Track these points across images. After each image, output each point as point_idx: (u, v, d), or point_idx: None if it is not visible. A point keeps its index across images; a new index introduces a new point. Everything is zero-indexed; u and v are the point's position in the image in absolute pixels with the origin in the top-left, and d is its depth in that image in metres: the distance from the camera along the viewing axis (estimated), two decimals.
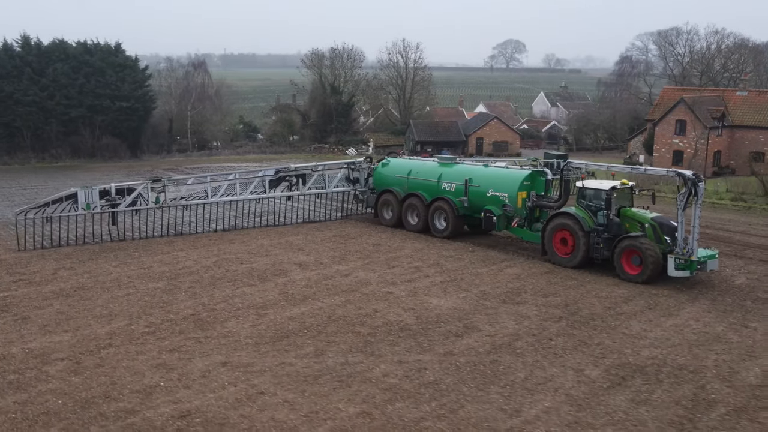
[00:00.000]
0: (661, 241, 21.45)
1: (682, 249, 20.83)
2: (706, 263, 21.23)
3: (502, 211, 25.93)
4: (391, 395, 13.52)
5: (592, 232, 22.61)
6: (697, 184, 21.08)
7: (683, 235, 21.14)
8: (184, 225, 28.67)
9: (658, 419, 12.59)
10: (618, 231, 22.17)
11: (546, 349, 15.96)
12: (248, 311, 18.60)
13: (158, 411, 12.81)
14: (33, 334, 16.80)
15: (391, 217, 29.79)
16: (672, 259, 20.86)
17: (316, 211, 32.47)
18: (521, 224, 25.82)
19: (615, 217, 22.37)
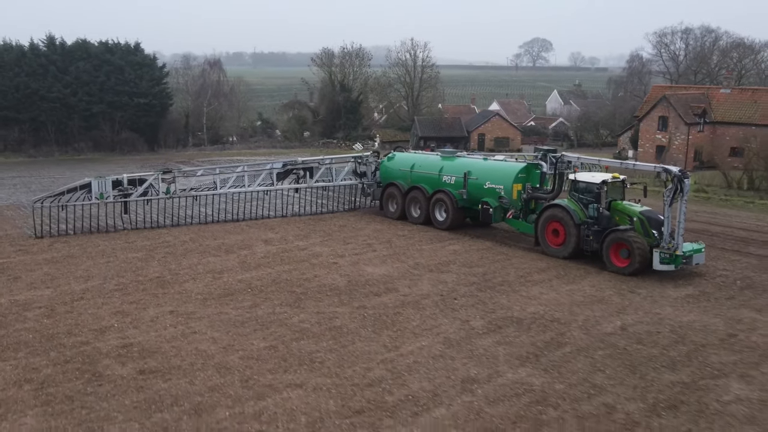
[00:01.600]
0: (649, 235, 21.79)
1: (668, 243, 21.19)
2: (692, 257, 21.44)
3: (499, 203, 26.50)
4: (299, 335, 16.41)
5: (582, 225, 23.04)
6: (683, 180, 21.27)
7: (669, 229, 21.42)
8: (193, 216, 29.86)
9: (510, 355, 15.29)
10: (608, 224, 22.53)
11: (446, 306, 18.69)
12: (206, 275, 21.61)
13: (107, 343, 15.85)
14: (21, 290, 19.99)
15: (395, 210, 30.58)
16: (657, 254, 21.20)
17: (323, 204, 33.43)
18: (516, 216, 26.31)
19: (605, 210, 22.69)
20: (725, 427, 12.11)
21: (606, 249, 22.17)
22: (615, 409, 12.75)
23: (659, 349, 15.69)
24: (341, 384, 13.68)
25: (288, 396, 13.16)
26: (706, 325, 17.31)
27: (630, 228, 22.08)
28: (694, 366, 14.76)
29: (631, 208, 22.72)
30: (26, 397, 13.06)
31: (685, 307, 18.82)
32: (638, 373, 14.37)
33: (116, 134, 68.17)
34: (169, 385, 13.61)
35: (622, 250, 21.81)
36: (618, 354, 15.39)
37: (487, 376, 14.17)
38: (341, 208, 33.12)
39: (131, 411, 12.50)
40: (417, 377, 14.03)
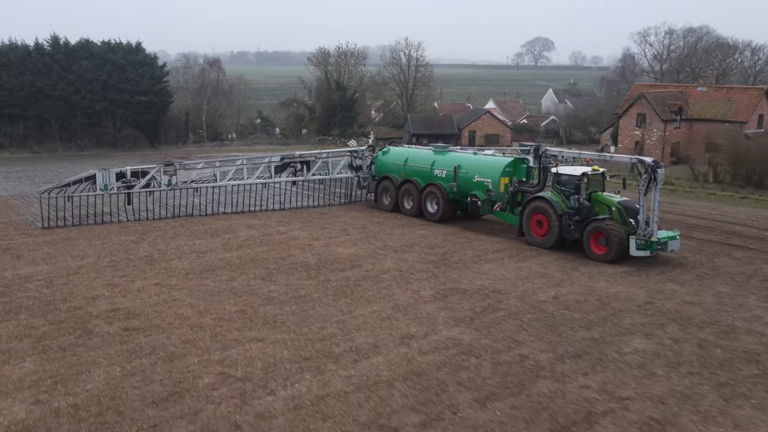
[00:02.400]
0: (627, 224, 22.73)
1: (643, 231, 22.29)
2: (667, 243, 22.49)
3: (487, 196, 27.42)
4: (267, 302, 18.63)
5: (564, 215, 23.92)
6: (656, 170, 22.36)
7: (644, 217, 22.48)
8: (194, 207, 31.11)
9: (449, 317, 17.47)
10: (588, 214, 23.46)
11: (403, 279, 20.87)
12: (191, 255, 23.84)
13: (97, 308, 18.08)
14: (23, 266, 22.25)
15: (389, 202, 31.62)
16: (633, 240, 22.28)
17: (318, 197, 34.54)
18: (503, 208, 27.13)
19: (585, 201, 23.66)
20: (616, 372, 14.26)
21: (586, 238, 23.20)
22: (527, 357, 14.93)
23: (582, 314, 17.84)
24: (297, 339, 15.89)
25: (250, 347, 15.37)
26: (630, 295, 19.47)
27: (608, 217, 23.05)
28: (607, 326, 16.92)
29: (609, 198, 23.72)
30: (26, 347, 15.30)
31: (617, 280, 20.96)
32: (557, 331, 16.54)
33: (118, 131, 70.31)
34: (148, 339, 15.83)
35: (601, 238, 22.84)
36: (544, 317, 17.56)
37: (424, 333, 16.35)
38: (337, 201, 34.16)
39: (114, 358, 14.72)
40: (363, 334, 16.23)
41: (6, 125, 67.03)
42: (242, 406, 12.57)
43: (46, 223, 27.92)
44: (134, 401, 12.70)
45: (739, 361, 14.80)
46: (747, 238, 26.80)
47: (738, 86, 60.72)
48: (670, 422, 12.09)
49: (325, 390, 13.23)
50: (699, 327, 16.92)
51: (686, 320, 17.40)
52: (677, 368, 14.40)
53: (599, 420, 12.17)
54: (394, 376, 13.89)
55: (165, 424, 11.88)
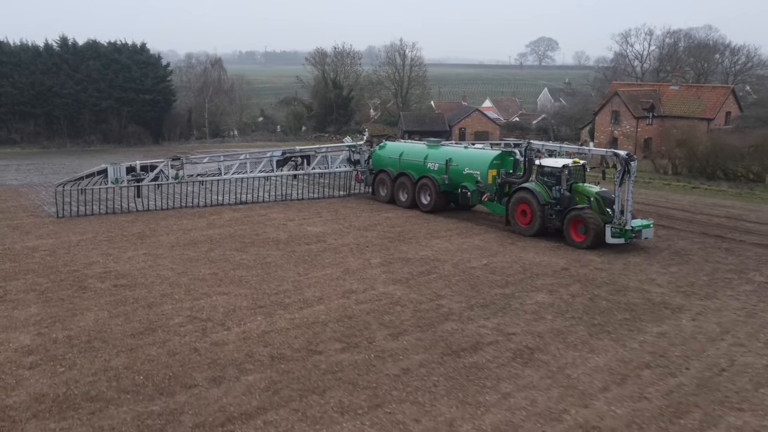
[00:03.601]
0: (604, 213, 24.06)
1: (618, 219, 23.64)
2: (641, 232, 23.79)
3: (476, 187, 28.80)
4: (236, 267, 21.83)
5: (546, 205, 25.19)
6: (630, 162, 23.64)
7: (620, 207, 23.75)
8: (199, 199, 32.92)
9: (388, 278, 20.54)
10: (568, 204, 24.72)
11: (359, 251, 24.02)
12: (178, 232, 27.09)
13: (93, 270, 21.34)
14: (30, 240, 25.56)
15: (385, 194, 33.11)
16: (609, 228, 23.56)
17: (318, 190, 36.69)
18: (491, 199, 28.39)
19: (566, 192, 24.89)
20: (512, 317, 17.39)
21: (566, 226, 24.52)
22: (443, 306, 18.07)
23: (503, 277, 20.96)
24: (256, 293, 19.09)
25: (216, 299, 18.59)
26: (551, 263, 22.57)
27: (587, 207, 24.33)
28: (520, 286, 20.04)
29: (588, 189, 24.96)
30: (31, 298, 18.57)
31: (546, 253, 24.04)
32: (476, 289, 19.66)
33: (123, 128, 73.79)
34: (133, 293, 19.07)
35: (579, 226, 24.15)
36: (469, 279, 20.68)
37: (363, 289, 19.52)
38: (336, 194, 35.99)
39: (103, 306, 17.96)
40: (312, 290, 19.42)
41: (17, 122, 70.59)
42: (202, 337, 15.78)
43: (60, 214, 29.70)
44: (116, 334, 15.93)
45: (617, 310, 17.89)
46: (677, 220, 29.80)
47: (707, 85, 63.57)
48: (540, 349, 15.22)
49: (270, 327, 16.43)
50: (597, 286, 20.00)
51: (589, 281, 20.49)
52: (563, 314, 17.51)
53: (484, 347, 15.30)
54: (329, 318, 17.07)
55: (139, 349, 15.08)
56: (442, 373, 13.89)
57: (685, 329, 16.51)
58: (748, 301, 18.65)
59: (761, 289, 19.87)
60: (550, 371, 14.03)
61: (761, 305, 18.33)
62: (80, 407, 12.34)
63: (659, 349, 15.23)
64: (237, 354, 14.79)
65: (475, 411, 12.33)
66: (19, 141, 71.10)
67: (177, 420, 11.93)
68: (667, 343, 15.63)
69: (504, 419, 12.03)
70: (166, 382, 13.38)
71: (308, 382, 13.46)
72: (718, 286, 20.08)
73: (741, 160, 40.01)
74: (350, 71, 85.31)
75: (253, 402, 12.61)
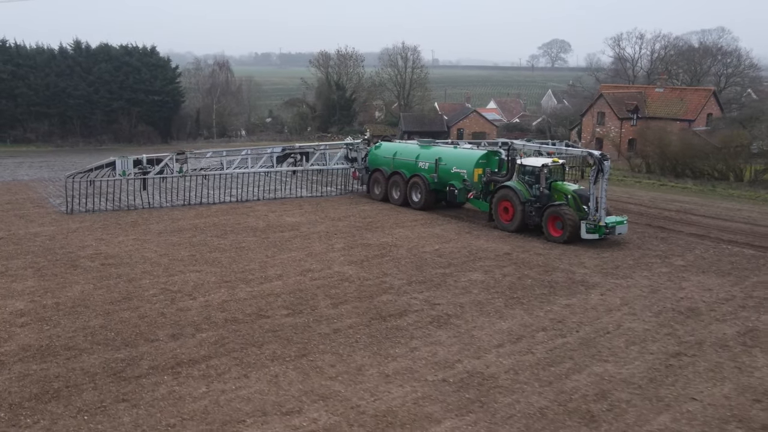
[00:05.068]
0: (581, 209, 25.25)
1: (593, 216, 25.02)
2: (615, 228, 24.89)
3: (462, 185, 30.03)
4: (213, 250, 24.49)
5: (527, 202, 26.42)
6: (603, 162, 24.92)
7: (594, 204, 24.95)
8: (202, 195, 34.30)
9: (345, 260, 23.10)
10: (547, 201, 25.99)
11: (326, 237, 26.59)
12: (168, 220, 29.78)
13: (85, 252, 24.07)
14: (33, 227, 28.34)
15: (379, 193, 34.44)
16: (583, 224, 24.80)
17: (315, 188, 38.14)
18: (477, 196, 29.52)
19: (545, 190, 26.30)
20: (444, 291, 19.86)
21: (545, 222, 25.80)
22: (385, 282, 20.57)
23: (448, 259, 23.44)
24: (225, 271, 21.72)
25: (189, 276, 21.22)
26: (496, 249, 25.01)
27: (564, 204, 25.58)
28: (460, 267, 22.50)
29: (566, 187, 26.25)
30: (29, 273, 21.30)
31: (495, 241, 26.46)
32: (420, 269, 22.15)
33: (133, 127, 76.91)
34: (117, 270, 21.77)
35: (557, 222, 25.37)
36: (417, 261, 23.16)
37: (320, 269, 22.10)
38: (333, 192, 37.33)
39: (90, 280, 20.66)
40: (275, 269, 22.01)
41: (33, 122, 73.93)
42: (170, 305, 18.42)
43: (69, 206, 31.09)
44: (98, 301, 18.61)
45: (538, 287, 20.32)
46: (631, 213, 31.83)
47: (690, 88, 65.52)
48: (457, 316, 17.70)
49: (231, 297, 19.04)
50: (530, 268, 22.43)
51: (524, 264, 22.92)
52: (489, 290, 19.98)
53: (409, 314, 17.81)
54: (283, 291, 19.65)
55: (115, 313, 17.74)
56: (366, 333, 16.43)
57: (590, 302, 18.93)
58: (657, 281, 21.01)
59: (676, 271, 22.21)
60: (458, 332, 16.53)
61: (668, 284, 20.69)
62: (59, 354, 15.00)
63: (559, 317, 17.67)
64: (197, 317, 17.42)
65: (383, 360, 14.85)
66: (34, 140, 74.40)
67: (136, 364, 14.55)
68: (569, 312, 18.06)
69: (405, 366, 14.55)
70: (133, 338, 16.02)
71: (251, 338, 16.05)
72: (638, 269, 22.43)
73: (706, 159, 42.12)
74: (353, 73, 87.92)
75: (202, 352, 15.23)
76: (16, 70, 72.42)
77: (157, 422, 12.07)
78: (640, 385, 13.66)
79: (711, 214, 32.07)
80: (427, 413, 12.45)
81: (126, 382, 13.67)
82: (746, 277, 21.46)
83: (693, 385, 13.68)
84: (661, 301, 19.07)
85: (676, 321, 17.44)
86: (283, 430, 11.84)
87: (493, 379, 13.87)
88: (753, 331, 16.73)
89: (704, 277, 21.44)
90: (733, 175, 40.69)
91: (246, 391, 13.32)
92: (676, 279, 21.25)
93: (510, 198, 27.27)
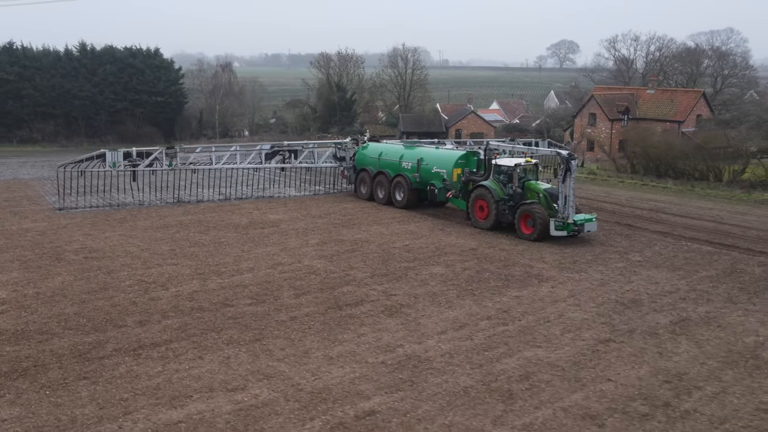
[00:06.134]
0: (551, 208, 26.08)
1: (561, 214, 25.99)
2: (583, 225, 25.68)
3: (442, 185, 31.07)
4: (193, 245, 25.69)
5: (500, 201, 27.29)
6: (570, 161, 25.58)
7: (563, 202, 25.81)
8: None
9: (316, 254, 24.26)
10: (520, 200, 26.89)
11: (303, 235, 27.71)
12: (155, 217, 31.05)
13: (71, 246, 25.31)
14: (26, 223, 29.62)
15: (366, 192, 35.32)
16: (552, 222, 25.63)
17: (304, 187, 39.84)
18: (456, 195, 30.47)
19: (518, 189, 27.10)
20: (397, 284, 20.95)
21: (517, 220, 26.70)
22: (350, 275, 21.71)
23: (414, 254, 24.55)
24: (200, 265, 22.93)
25: (166, 269, 22.44)
26: (463, 245, 26.10)
27: (535, 202, 26.44)
28: (425, 261, 23.60)
29: (538, 186, 27.08)
30: (15, 266, 22.59)
31: (465, 238, 27.52)
32: (386, 263, 23.27)
33: (137, 128, 78.29)
34: (99, 263, 23.04)
35: (528, 220, 26.29)
36: (385, 256, 24.28)
37: (290, 262, 23.28)
38: (321, 191, 38.41)
39: (72, 272, 21.91)
40: (248, 263, 23.20)
41: (38, 122, 75.55)
42: (143, 294, 19.65)
43: (60, 206, 32.50)
44: (75, 291, 19.86)
45: (494, 280, 21.39)
46: (604, 211, 32.90)
47: (680, 89, 66.33)
48: (409, 306, 18.82)
49: (201, 288, 20.25)
50: (491, 262, 23.52)
51: (486, 258, 24.01)
52: (446, 282, 21.08)
53: (364, 304, 18.94)
54: (251, 282, 20.85)
55: (90, 302, 18.97)
56: (320, 321, 17.59)
57: (539, 294, 20.01)
58: (610, 275, 22.06)
59: (630, 266, 23.24)
60: (406, 320, 17.65)
61: (618, 278, 21.73)
62: (32, 338, 16.26)
63: (506, 307, 18.76)
64: (166, 306, 18.64)
65: (330, 344, 16.01)
66: (40, 140, 76.01)
67: (102, 346, 15.78)
68: (516, 303, 19.15)
69: (349, 350, 15.70)
70: (103, 324, 17.25)
71: (213, 324, 17.25)
72: (595, 264, 23.48)
73: (686, 159, 42.99)
74: (353, 74, 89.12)
75: (164, 336, 16.44)
76: (22, 71, 74.09)
77: (111, 397, 13.26)
78: (563, 368, 14.73)
79: (681, 212, 32.99)
80: (359, 390, 13.58)
81: (89, 362, 14.87)
82: (695, 272, 22.44)
83: (612, 368, 14.74)
84: (607, 293, 20.10)
85: (615, 311, 18.48)
86: (225, 404, 13.00)
87: (428, 362, 14.98)
88: (684, 321, 17.75)
89: (656, 272, 22.44)
90: (713, 175, 41.52)
91: (198, 370, 14.50)
92: (627, 273, 22.26)
93: (485, 197, 28.20)
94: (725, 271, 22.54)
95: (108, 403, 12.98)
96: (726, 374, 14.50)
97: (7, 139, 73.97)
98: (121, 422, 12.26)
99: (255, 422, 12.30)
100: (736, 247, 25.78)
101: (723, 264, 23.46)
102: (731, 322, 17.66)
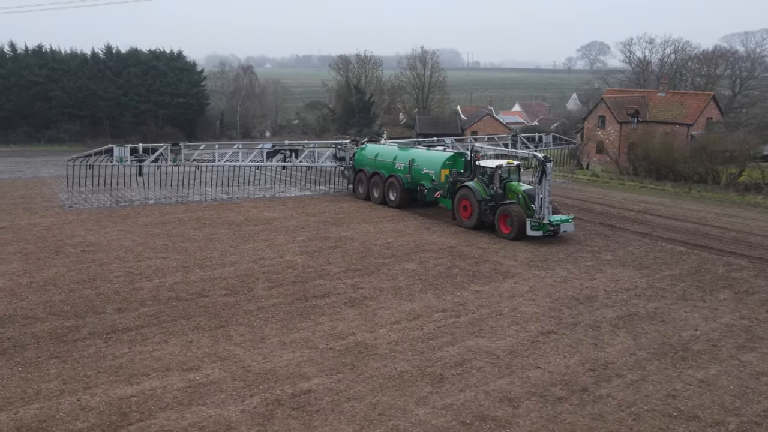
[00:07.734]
0: (530, 208, 26.87)
1: (537, 214, 26.78)
2: (559, 226, 26.41)
3: (431, 185, 32.20)
4: (186, 240, 27.12)
5: (483, 201, 28.12)
6: (545, 164, 26.27)
7: (539, 202, 26.56)
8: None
9: (299, 250, 25.53)
10: (500, 200, 27.73)
11: (291, 232, 28.97)
12: (156, 214, 32.56)
13: (72, 241, 26.93)
14: (35, 218, 31.38)
15: (363, 192, 36.46)
16: (528, 222, 26.48)
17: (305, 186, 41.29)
18: (444, 195, 31.42)
19: (499, 189, 28.02)
20: (373, 278, 22.11)
21: (497, 219, 27.58)
22: (326, 270, 22.87)
23: (393, 251, 25.62)
24: (187, 259, 24.30)
25: (154, 262, 23.86)
26: (442, 243, 27.10)
27: (514, 202, 27.26)
28: (400, 257, 24.66)
29: (518, 187, 27.77)
30: (17, 258, 24.20)
31: (447, 237, 28.52)
32: (363, 259, 24.36)
33: (160, 128, 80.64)
34: (94, 256, 24.55)
35: (507, 219, 27.13)
36: (364, 252, 25.41)
37: (273, 257, 24.53)
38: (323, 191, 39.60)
39: (67, 264, 23.45)
40: (232, 257, 24.53)
41: (66, 122, 78.25)
42: (127, 284, 21.06)
43: (69, 205, 34.14)
44: (66, 281, 21.35)
45: (461, 276, 22.38)
46: (593, 213, 33.67)
47: (691, 92, 66.30)
48: (372, 298, 19.92)
49: (183, 280, 21.60)
50: (463, 259, 24.52)
51: (459, 256, 25.01)
52: (414, 277, 22.14)
53: (330, 296, 20.11)
54: (231, 275, 22.14)
55: (77, 291, 20.42)
56: (285, 311, 18.80)
57: (499, 289, 20.98)
58: (575, 273, 22.92)
59: (599, 264, 24.06)
60: (365, 312, 18.78)
61: (582, 275, 22.58)
62: (17, 322, 17.72)
63: (463, 301, 19.77)
64: (146, 295, 20.02)
65: (287, 332, 17.21)
66: (67, 140, 78.69)
67: (78, 330, 17.18)
68: (474, 297, 20.14)
69: (304, 337, 16.88)
70: (84, 310, 18.66)
71: (185, 312, 18.56)
72: (564, 262, 24.33)
73: (685, 162, 43.40)
74: (372, 76, 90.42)
75: (137, 322, 17.79)
76: (50, 73, 76.80)
77: (76, 374, 14.61)
78: (498, 356, 15.74)
79: (668, 214, 33.56)
80: (302, 372, 14.75)
81: (64, 344, 16.27)
82: (660, 271, 23.20)
83: (545, 357, 15.70)
84: (566, 289, 20.98)
85: (567, 306, 19.39)
86: (177, 382, 14.27)
87: (373, 349, 16.10)
88: (630, 316, 18.61)
89: (621, 270, 23.25)
90: (711, 178, 41.90)
91: (160, 352, 15.81)
92: (593, 271, 23.09)
93: (468, 197, 29.17)
94: (689, 270, 23.24)
95: (72, 379, 14.31)
96: (651, 364, 15.36)
97: (36, 139, 76.69)
98: (80, 396, 13.57)
99: (200, 398, 13.52)
100: (708, 248, 26.40)
101: (690, 263, 24.15)
102: (675, 318, 18.46)
